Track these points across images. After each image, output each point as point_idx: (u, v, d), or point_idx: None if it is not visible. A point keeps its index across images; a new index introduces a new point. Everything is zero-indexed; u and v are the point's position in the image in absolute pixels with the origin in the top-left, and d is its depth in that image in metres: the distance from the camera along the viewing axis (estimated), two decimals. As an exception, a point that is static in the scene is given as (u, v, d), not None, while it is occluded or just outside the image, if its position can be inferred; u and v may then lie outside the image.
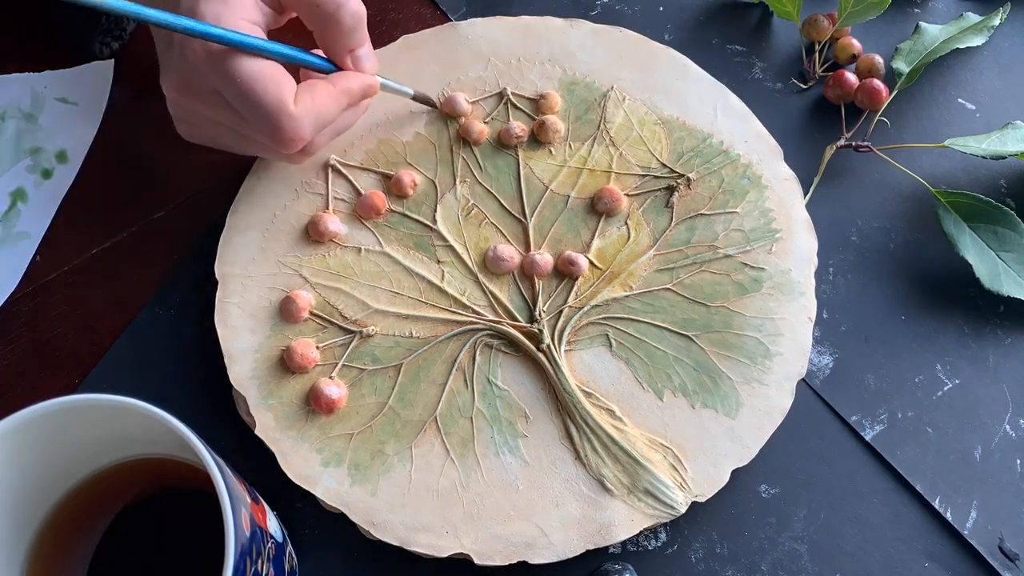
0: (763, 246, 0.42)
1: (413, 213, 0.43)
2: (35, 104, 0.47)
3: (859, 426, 0.40)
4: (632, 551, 0.38)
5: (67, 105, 0.47)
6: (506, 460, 0.38)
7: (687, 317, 0.41)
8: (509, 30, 0.48)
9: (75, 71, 0.47)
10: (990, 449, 0.40)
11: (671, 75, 0.46)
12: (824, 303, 0.42)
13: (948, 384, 0.41)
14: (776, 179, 0.44)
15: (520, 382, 0.39)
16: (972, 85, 0.49)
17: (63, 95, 0.47)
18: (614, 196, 0.43)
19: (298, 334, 0.40)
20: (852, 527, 0.38)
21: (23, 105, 0.47)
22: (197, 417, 0.40)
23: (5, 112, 0.46)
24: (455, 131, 0.45)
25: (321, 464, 0.38)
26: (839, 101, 0.47)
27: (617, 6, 0.51)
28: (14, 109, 0.47)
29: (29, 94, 0.47)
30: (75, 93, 0.47)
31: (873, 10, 0.46)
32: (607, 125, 0.45)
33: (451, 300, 0.41)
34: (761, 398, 0.39)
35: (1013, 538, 0.38)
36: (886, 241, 0.44)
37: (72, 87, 0.47)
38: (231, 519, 0.25)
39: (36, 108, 0.47)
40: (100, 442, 0.31)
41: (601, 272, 0.42)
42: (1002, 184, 0.46)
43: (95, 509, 0.33)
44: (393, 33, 0.50)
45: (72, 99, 0.47)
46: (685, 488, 0.37)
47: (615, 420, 0.39)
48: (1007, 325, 0.42)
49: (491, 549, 0.36)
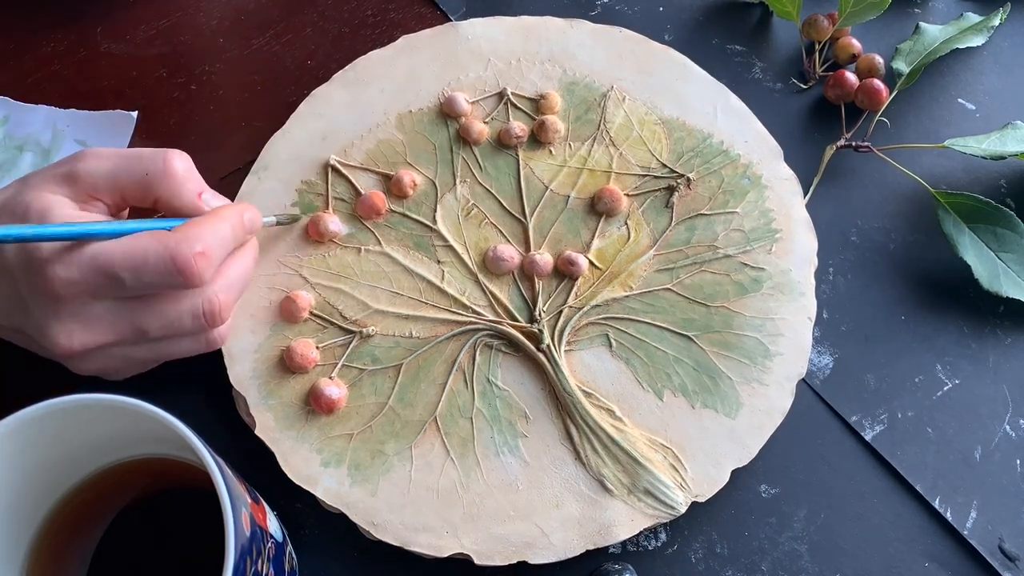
0: (763, 246, 0.42)
1: (413, 213, 0.43)
2: (55, 141, 0.46)
3: (859, 426, 0.40)
4: (632, 551, 0.38)
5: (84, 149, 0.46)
6: (506, 460, 0.38)
7: (687, 317, 0.41)
8: (509, 30, 0.48)
9: (99, 115, 0.46)
10: (990, 449, 0.40)
11: (671, 75, 0.46)
12: (824, 303, 0.42)
13: (948, 384, 0.41)
14: (776, 179, 0.44)
15: (520, 382, 0.39)
16: (972, 85, 0.49)
17: (82, 137, 0.46)
18: (614, 196, 0.43)
19: (298, 334, 0.40)
20: (852, 527, 0.38)
21: (43, 140, 0.46)
22: (197, 417, 0.39)
23: (24, 143, 0.45)
24: (455, 131, 0.45)
25: (321, 464, 0.38)
26: (839, 101, 0.47)
27: (617, 6, 0.51)
28: (34, 143, 0.46)
29: (51, 130, 0.46)
30: (94, 137, 0.46)
31: (873, 10, 0.46)
32: (607, 125, 0.45)
33: (451, 300, 0.41)
34: (761, 398, 0.39)
35: (1013, 538, 0.38)
36: (886, 241, 0.44)
37: (93, 131, 0.46)
38: (231, 519, 0.25)
39: (54, 146, 0.45)
40: (100, 442, 0.31)
41: (601, 272, 0.42)
42: (1002, 184, 0.46)
43: (95, 509, 0.33)
44: (393, 33, 0.50)
45: (91, 143, 0.46)
46: (685, 488, 0.37)
47: (615, 420, 0.39)
48: (1007, 325, 0.42)
49: (491, 549, 0.36)
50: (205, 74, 0.49)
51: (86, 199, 0.35)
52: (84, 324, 0.33)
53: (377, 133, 0.45)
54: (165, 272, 0.33)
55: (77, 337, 0.33)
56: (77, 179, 0.34)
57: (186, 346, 0.37)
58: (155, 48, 0.50)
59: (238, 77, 0.49)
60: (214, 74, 0.49)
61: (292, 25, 0.51)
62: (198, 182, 0.37)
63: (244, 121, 0.48)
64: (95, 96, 0.48)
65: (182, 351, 0.37)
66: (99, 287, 0.32)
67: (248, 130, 0.47)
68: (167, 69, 0.49)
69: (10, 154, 0.45)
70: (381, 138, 0.45)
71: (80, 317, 0.33)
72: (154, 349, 0.36)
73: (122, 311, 0.34)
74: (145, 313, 0.34)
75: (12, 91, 0.48)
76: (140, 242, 0.32)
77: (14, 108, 0.47)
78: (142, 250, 0.32)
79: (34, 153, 0.45)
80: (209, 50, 0.50)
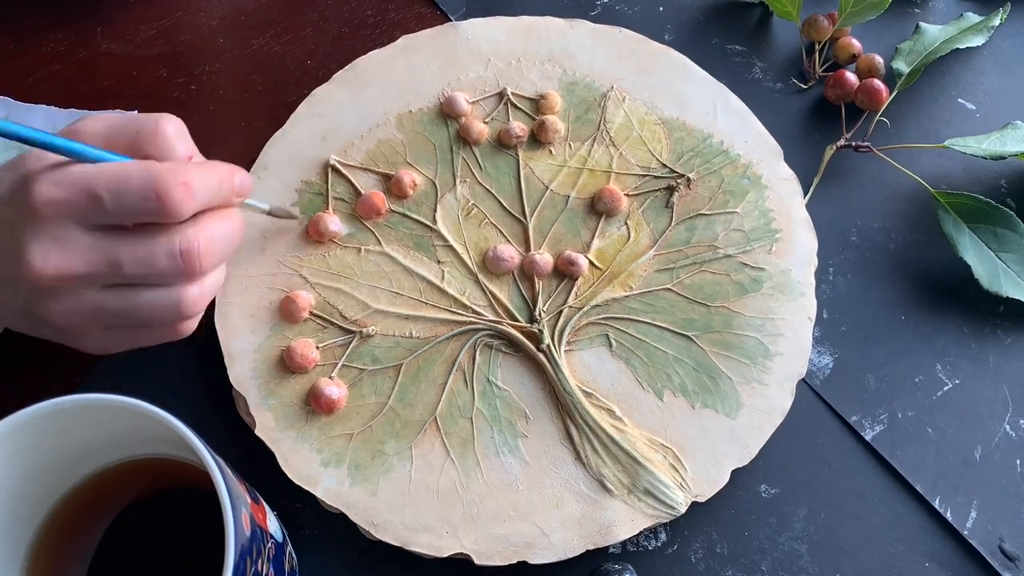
0: (763, 246, 0.42)
1: (413, 213, 0.43)
2: None
3: (859, 426, 0.40)
4: (632, 551, 0.38)
5: None
6: (506, 460, 0.38)
7: (687, 317, 0.41)
8: (509, 30, 0.48)
9: None
10: (990, 449, 0.40)
11: (671, 75, 0.46)
12: (824, 303, 0.42)
13: (948, 384, 0.41)
14: (776, 179, 0.44)
15: (520, 382, 0.39)
16: (972, 85, 0.49)
17: None
18: (614, 196, 0.43)
19: (298, 334, 0.40)
20: (852, 527, 0.38)
21: None
22: (197, 417, 0.39)
23: None
24: (455, 131, 0.45)
25: (321, 464, 0.38)
26: (839, 101, 0.47)
27: (617, 6, 0.51)
28: None
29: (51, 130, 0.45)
30: None
31: (873, 10, 0.46)
32: (607, 125, 0.45)
33: (451, 300, 0.41)
34: (761, 398, 0.39)
35: (1013, 538, 0.38)
36: (886, 241, 0.44)
37: None
38: (231, 519, 0.25)
39: None
40: (100, 442, 0.31)
41: (601, 272, 0.42)
42: (1002, 184, 0.46)
43: (95, 509, 0.33)
44: (393, 33, 0.50)
45: None
46: (685, 488, 0.37)
47: (615, 420, 0.39)
48: (1007, 325, 0.42)
49: (491, 549, 0.36)
50: (205, 74, 0.49)
51: None
52: (60, 247, 0.33)
53: (377, 133, 0.45)
54: (144, 196, 0.33)
55: (52, 260, 0.33)
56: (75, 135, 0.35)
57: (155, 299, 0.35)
58: (155, 48, 0.50)
59: (238, 77, 0.49)
60: (214, 74, 0.49)
61: (292, 25, 0.51)
62: (188, 145, 0.37)
63: (244, 121, 0.48)
64: (95, 96, 0.48)
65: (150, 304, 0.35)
66: (80, 208, 0.33)
67: (248, 130, 0.47)
68: (167, 69, 0.49)
69: (10, 154, 0.45)
70: (381, 138, 0.45)
71: (58, 239, 0.33)
72: (125, 297, 0.35)
73: (98, 240, 0.34)
74: (120, 244, 0.34)
75: (12, 91, 0.48)
76: (125, 166, 0.33)
77: (14, 108, 0.46)
78: (126, 173, 0.33)
79: None
80: (209, 50, 0.50)
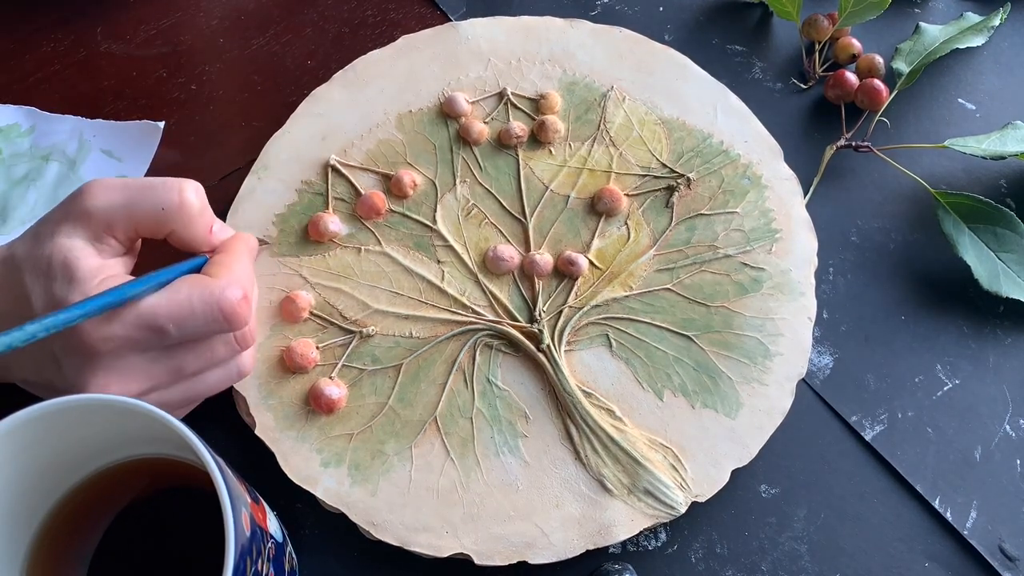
0: (763, 246, 0.42)
1: (413, 213, 0.43)
2: (80, 151, 0.45)
3: (859, 426, 0.40)
4: (632, 551, 0.38)
5: (111, 159, 0.45)
6: (506, 460, 0.38)
7: (687, 317, 0.41)
8: (509, 30, 0.48)
9: (126, 125, 0.46)
10: (990, 449, 0.40)
11: (671, 75, 0.46)
12: (824, 303, 0.42)
13: (948, 384, 0.41)
14: (776, 179, 0.44)
15: (520, 382, 0.39)
16: (972, 85, 0.49)
17: (108, 148, 0.45)
18: (614, 196, 0.43)
19: (298, 334, 0.40)
20: (852, 527, 0.38)
21: (69, 150, 0.45)
22: (197, 417, 0.40)
23: (50, 153, 0.45)
24: (455, 131, 0.45)
25: (321, 464, 0.38)
26: (839, 101, 0.47)
27: (617, 6, 0.51)
28: (60, 152, 0.45)
29: (78, 140, 0.45)
30: (121, 148, 0.45)
31: (873, 10, 0.46)
32: (607, 125, 0.45)
33: (451, 300, 0.41)
34: (761, 398, 0.39)
35: (1013, 538, 0.38)
36: (886, 241, 0.44)
37: (120, 141, 0.46)
38: (231, 519, 0.25)
39: (80, 156, 0.45)
40: (100, 442, 0.31)
41: (601, 272, 0.42)
42: (1002, 184, 0.46)
43: (95, 509, 0.33)
44: (393, 33, 0.50)
45: (117, 154, 0.45)
46: (685, 488, 0.37)
47: (615, 420, 0.39)
48: (1007, 325, 0.42)
49: (491, 549, 0.36)
50: (205, 74, 0.49)
51: (101, 236, 0.34)
52: (120, 376, 0.33)
53: (377, 133, 0.45)
54: (212, 320, 0.33)
55: (113, 388, 0.33)
56: (91, 217, 0.34)
57: (218, 377, 0.36)
58: (155, 48, 0.50)
59: (238, 77, 0.49)
60: (214, 74, 0.49)
61: (292, 25, 0.51)
62: (210, 215, 0.37)
63: (244, 121, 0.48)
64: (95, 96, 0.48)
65: (213, 384, 0.37)
66: (143, 341, 0.33)
67: (248, 130, 0.47)
68: (167, 69, 0.49)
69: (36, 164, 0.45)
70: (381, 138, 0.45)
71: (115, 370, 0.33)
72: (188, 388, 0.36)
73: (160, 357, 0.34)
74: (183, 355, 0.34)
75: (12, 91, 0.48)
76: (182, 294, 0.33)
77: (40, 118, 0.46)
78: (187, 302, 0.33)
79: (60, 163, 0.45)
80: (209, 50, 0.50)
